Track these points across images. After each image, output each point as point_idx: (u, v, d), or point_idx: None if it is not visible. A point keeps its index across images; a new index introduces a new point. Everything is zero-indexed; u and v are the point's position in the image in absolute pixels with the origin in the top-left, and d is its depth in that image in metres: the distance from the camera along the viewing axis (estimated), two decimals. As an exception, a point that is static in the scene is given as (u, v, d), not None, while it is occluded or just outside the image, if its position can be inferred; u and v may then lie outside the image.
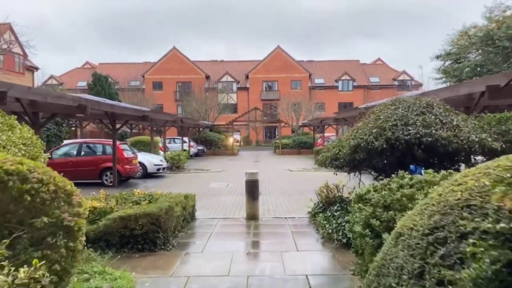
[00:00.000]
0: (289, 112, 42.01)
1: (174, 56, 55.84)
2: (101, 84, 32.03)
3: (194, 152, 31.18)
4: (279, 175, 18.40)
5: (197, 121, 27.90)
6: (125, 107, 12.70)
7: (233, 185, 15.02)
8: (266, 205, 10.75)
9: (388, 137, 5.97)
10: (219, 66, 59.43)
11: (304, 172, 19.49)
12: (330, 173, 17.56)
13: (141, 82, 56.17)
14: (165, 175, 18.50)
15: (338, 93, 55.72)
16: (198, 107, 40.77)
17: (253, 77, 55.86)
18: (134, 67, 58.63)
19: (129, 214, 6.03)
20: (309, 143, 35.47)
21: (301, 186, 14.34)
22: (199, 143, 34.59)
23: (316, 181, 16.92)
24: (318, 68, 59.07)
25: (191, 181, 16.37)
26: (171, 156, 20.64)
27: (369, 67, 60.58)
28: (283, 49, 56.51)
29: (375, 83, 56.95)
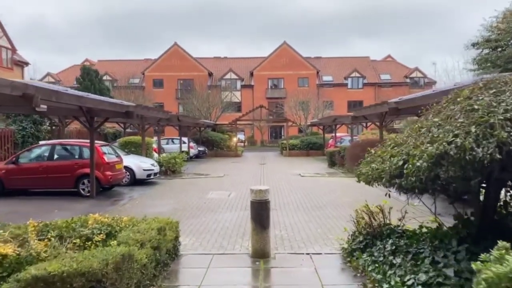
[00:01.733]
0: (296, 111, 39.43)
1: (175, 53, 53.39)
2: (90, 78, 29.41)
3: (194, 154, 28.70)
4: (289, 181, 15.86)
5: (197, 120, 25.44)
6: (100, 101, 10.20)
7: (235, 195, 12.48)
8: (278, 227, 8.20)
9: (502, 141, 3.39)
10: (223, 63, 56.92)
11: (318, 178, 16.94)
12: (348, 180, 14.89)
13: (141, 80, 53.78)
14: (157, 181, 16.01)
15: (347, 91, 53.05)
16: (199, 105, 38.28)
17: (258, 74, 53.31)
18: (134, 64, 56.22)
19: (51, 273, 3.49)
20: (319, 144, 32.89)
21: (318, 197, 11.78)
22: (200, 143, 32.09)
23: (334, 189, 13.83)
24: (326, 65, 56.43)
25: (186, 189, 13.87)
26: (165, 159, 18.16)
27: (380, 64, 57.86)
28: (289, 45, 53.91)
29: (386, 81, 54.23)
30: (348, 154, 18.90)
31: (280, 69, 52.83)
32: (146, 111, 14.43)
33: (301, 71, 52.90)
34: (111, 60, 57.23)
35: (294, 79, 52.00)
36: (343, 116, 24.95)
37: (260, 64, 53.55)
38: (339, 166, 20.33)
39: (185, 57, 53.23)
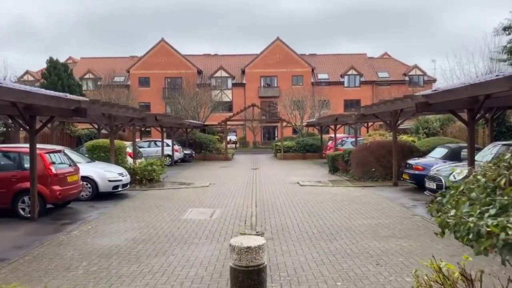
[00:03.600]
0: (291, 110, 36.79)
1: (162, 49, 50.48)
2: (57, 73, 26.36)
3: (179, 158, 25.95)
4: (286, 192, 13.20)
5: (181, 120, 22.68)
6: (35, 93, 7.44)
7: (220, 214, 9.78)
8: (277, 277, 5.50)
9: None
10: (213, 60, 54.14)
11: (320, 188, 14.29)
12: (356, 190, 12.10)
13: (126, 78, 50.80)
14: (128, 194, 13.25)
15: (344, 89, 50.54)
16: (186, 104, 35.48)
17: (250, 72, 50.60)
18: (118, 61, 53.19)
19: None
20: (316, 146, 30.30)
21: (325, 218, 9.11)
22: (187, 146, 29.33)
23: (342, 204, 10.90)
24: (321, 62, 53.92)
25: (160, 206, 11.13)
26: (140, 166, 15.41)
27: (377, 62, 55.48)
28: (283, 41, 51.28)
29: (384, 79, 51.83)
30: (355, 159, 16.30)
31: (273, 67, 50.18)
32: (109, 109, 11.66)
33: (296, 68, 50.30)
34: (95, 57, 54.24)
35: (288, 77, 49.39)
36: (346, 115, 22.40)
37: (252, 61, 50.86)
38: (343, 173, 17.73)
39: (173, 54, 50.37)
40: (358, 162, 16.11)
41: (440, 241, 7.10)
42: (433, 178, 10.50)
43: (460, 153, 12.75)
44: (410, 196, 12.02)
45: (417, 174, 12.62)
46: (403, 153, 15.51)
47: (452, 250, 6.53)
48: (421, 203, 10.89)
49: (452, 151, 12.79)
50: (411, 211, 9.86)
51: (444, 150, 13.15)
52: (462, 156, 12.67)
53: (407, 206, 10.53)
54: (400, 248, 6.77)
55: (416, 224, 8.49)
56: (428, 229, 7.96)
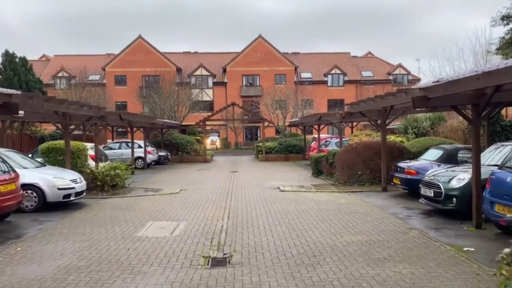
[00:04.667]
0: (273, 110, 35.41)
1: (139, 46, 48.55)
2: (13, 67, 24.00)
3: (153, 160, 24.26)
4: (265, 200, 11.74)
5: (153, 119, 20.99)
6: None
7: (184, 229, 8.26)
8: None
9: None
10: (193, 58, 52.40)
11: (303, 194, 12.88)
12: (342, 196, 10.97)
13: (102, 76, 48.69)
14: (83, 203, 11.60)
15: (327, 88, 49.48)
16: (162, 103, 33.73)
17: (232, 71, 49.06)
18: (94, 59, 51.04)
19: None
20: (299, 147, 28.96)
21: (308, 234, 7.66)
22: (163, 147, 27.65)
23: (327, 215, 9.39)
24: (304, 61, 52.76)
25: (115, 218, 9.54)
26: (101, 171, 13.75)
27: (361, 61, 54.62)
28: (265, 38, 49.90)
29: (368, 78, 50.95)
30: (340, 161, 14.96)
31: (255, 65, 48.77)
32: (57, 106, 10.00)
33: (278, 67, 49.00)
34: (69, 55, 51.95)
35: (271, 75, 48.03)
36: (330, 114, 21.08)
37: (233, 60, 49.35)
38: (327, 176, 16.39)
39: (151, 51, 48.47)
40: (343, 164, 14.78)
41: (448, 266, 5.74)
42: (430, 184, 9.18)
43: (456, 155, 11.52)
44: (402, 204, 10.69)
45: (409, 179, 11.31)
46: (392, 155, 14.25)
47: (466, 279, 5.17)
48: (416, 213, 9.57)
49: (447, 152, 11.53)
50: (406, 223, 8.51)
51: (438, 152, 11.88)
52: (459, 158, 11.44)
53: (401, 216, 9.19)
54: (400, 278, 5.36)
55: (414, 241, 7.12)
56: (430, 249, 6.60)
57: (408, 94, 8.31)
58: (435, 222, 8.53)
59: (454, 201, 8.51)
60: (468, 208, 8.24)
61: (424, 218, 9.00)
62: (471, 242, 6.92)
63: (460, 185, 8.49)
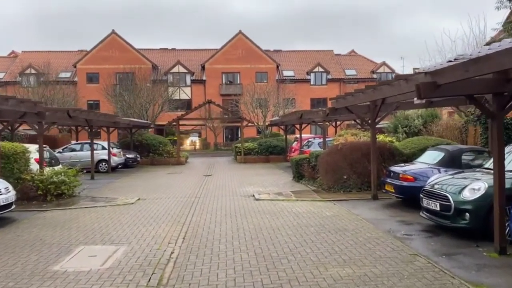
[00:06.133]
0: (253, 109, 33.50)
1: (113, 42, 46.03)
2: None
3: (119, 163, 22.07)
4: (235, 213, 9.81)
5: (114, 118, 18.78)
6: None
7: (121, 257, 6.26)
8: None
9: None
10: (170, 55, 50.10)
11: (280, 203, 10.99)
12: (326, 206, 9.01)
13: (73, 74, 46.01)
14: (12, 217, 9.46)
15: (310, 87, 47.82)
16: (131, 100, 31.50)
17: (211, 68, 46.98)
18: (65, 56, 48.31)
19: None
20: (280, 148, 27.16)
21: (284, 266, 5.73)
22: (132, 148, 25.46)
23: (309, 233, 7.23)
24: (287, 59, 51.02)
25: (42, 239, 7.49)
26: (43, 178, 11.63)
27: (344, 59, 53.18)
28: (245, 35, 47.98)
29: (352, 76, 49.52)
30: (323, 164, 13.14)
31: (235, 62, 46.80)
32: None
33: (260, 64, 47.13)
34: (39, 51, 48.99)
35: (252, 73, 46.08)
36: (313, 111, 19.32)
37: (212, 56, 47.28)
38: (309, 180, 14.57)
39: (125, 47, 46.01)
40: (327, 168, 12.96)
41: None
42: (434, 195, 7.41)
43: (460, 157, 9.79)
44: (398, 217, 8.90)
45: (406, 186, 9.54)
46: (383, 157, 12.52)
47: None
48: (417, 229, 7.77)
49: (450, 155, 9.79)
50: (408, 246, 6.69)
51: (438, 154, 10.15)
52: (463, 161, 9.71)
53: (399, 235, 7.38)
54: None
55: (423, 276, 5.29)
56: (448, 290, 4.78)
57: (410, 81, 6.51)
58: (444, 244, 6.73)
59: (467, 218, 6.73)
60: (486, 226, 6.50)
61: (428, 238, 7.20)
62: (500, 279, 5.13)
63: (474, 196, 6.71)
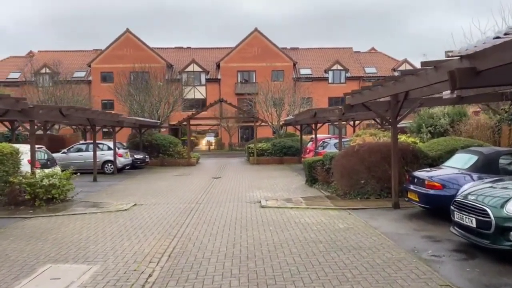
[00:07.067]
0: (267, 108, 32.30)
1: (127, 41, 45.52)
2: None
3: (126, 164, 21.22)
4: (235, 223, 8.66)
5: (117, 117, 17.84)
6: None
7: (89, 280, 5.17)
8: None
9: None
10: (185, 53, 49.31)
11: (288, 212, 9.78)
12: (340, 216, 7.65)
13: (88, 73, 45.72)
14: (-12, 227, 8.56)
15: (328, 85, 46.27)
16: (142, 99, 30.71)
17: (226, 66, 45.96)
18: (80, 55, 48.10)
19: None
20: (295, 148, 25.91)
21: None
22: (141, 149, 24.63)
23: (317, 253, 5.79)
24: (304, 57, 49.58)
25: (6, 256, 6.51)
26: (30, 182, 10.73)
27: (364, 56, 51.38)
28: (261, 32, 46.80)
29: (372, 74, 47.71)
30: (338, 167, 11.87)
31: (251, 61, 45.65)
32: None
33: (276, 62, 45.86)
34: (55, 51, 48.87)
35: (268, 71, 44.78)
36: (327, 109, 18.03)
37: (228, 55, 46.25)
38: (323, 184, 13.31)
39: (140, 46, 45.41)
40: (342, 171, 11.69)
41: None
42: (469, 208, 6.10)
43: (497, 161, 8.38)
44: (423, 231, 7.60)
45: (432, 195, 8.21)
46: (405, 160, 11.19)
47: None
48: (447, 249, 6.45)
49: (485, 158, 8.39)
50: (437, 272, 5.41)
51: (470, 157, 8.76)
52: (501, 166, 8.30)
53: (426, 257, 6.09)
54: None
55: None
56: None
57: (441, 68, 5.24)
58: (484, 271, 5.42)
59: (513, 238, 5.41)
60: (538, 250, 5.17)
61: (462, 261, 5.89)
62: None
63: (524, 212, 5.38)
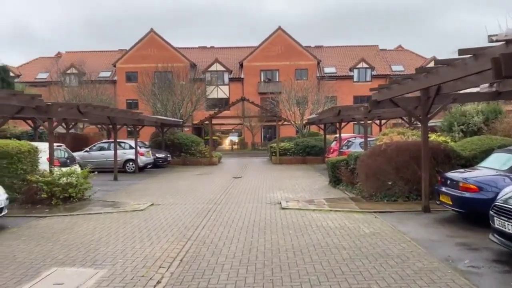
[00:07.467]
0: (290, 106, 31.72)
1: (152, 41, 45.78)
2: None
3: (147, 162, 21.12)
4: (253, 226, 8.21)
5: (137, 115, 17.66)
6: None
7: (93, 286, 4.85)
8: None
9: None
10: (208, 53, 49.24)
11: (310, 214, 9.26)
12: (362, 217, 7.06)
13: (113, 73, 46.25)
14: (2, 224, 8.40)
15: (353, 84, 45.27)
16: (164, 98, 30.68)
17: (249, 65, 45.60)
18: (106, 55, 48.71)
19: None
20: (319, 148, 25.26)
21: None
22: (164, 148, 24.54)
23: (340, 261, 5.21)
24: (328, 55, 48.70)
25: (14, 257, 6.29)
26: (48, 180, 10.58)
27: (391, 54, 50.08)
28: (285, 31, 46.20)
29: (399, 72, 46.32)
30: (364, 167, 11.27)
31: (274, 59, 45.14)
32: None
33: (299, 61, 45.18)
34: (81, 51, 49.64)
35: (291, 70, 44.18)
36: (352, 107, 17.35)
37: (251, 54, 45.88)
38: (347, 186, 12.72)
39: (163, 46, 45.59)
40: (368, 172, 11.08)
41: None
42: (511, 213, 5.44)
43: (541, 162, 7.63)
44: (458, 238, 6.95)
45: (468, 198, 7.54)
46: (436, 160, 10.50)
47: None
48: (486, 258, 5.81)
49: (527, 159, 7.67)
50: (476, 287, 4.81)
51: (510, 157, 8.03)
52: (545, 167, 7.54)
53: (462, 268, 5.48)
54: None
55: None
56: None
57: (481, 56, 4.64)
58: (530, 286, 4.78)
59: None
60: None
61: (505, 273, 5.26)
62: None
63: None
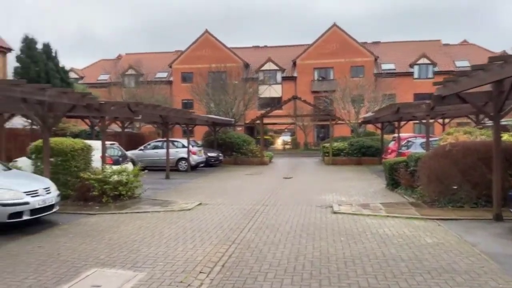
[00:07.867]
0: (344, 105, 30.62)
1: (206, 42, 46.42)
2: (31, 54, 21.43)
3: (199, 161, 21.18)
4: (301, 230, 7.68)
5: (189, 114, 17.58)
6: None
7: None
8: None
9: None
10: (261, 52, 49.00)
11: (364, 220, 8.56)
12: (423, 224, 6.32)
13: (169, 74, 47.45)
14: (52, 221, 8.53)
15: (413, 81, 43.04)
16: (217, 98, 30.79)
17: (302, 64, 44.82)
18: (162, 57, 50.06)
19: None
20: (375, 148, 24.07)
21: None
22: (216, 147, 24.57)
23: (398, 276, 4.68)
24: (386, 51, 46.66)
25: (58, 255, 6.24)
26: (99, 178, 10.70)
27: (454, 49, 47.04)
28: (340, 27, 44.90)
29: (463, 69, 43.35)
30: (425, 169, 10.32)
31: (329, 57, 43.98)
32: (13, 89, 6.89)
33: (355, 58, 43.64)
34: (139, 53, 51.43)
35: (346, 68, 42.75)
36: (412, 104, 16.17)
37: (304, 52, 45.07)
38: (406, 189, 11.77)
39: (218, 46, 46.07)
40: (430, 175, 10.12)
41: None
42: None
43: None
44: (539, 253, 5.99)
45: (552, 207, 6.51)
46: (509, 162, 9.34)
47: None
48: None
49: None
50: None
51: None
52: None
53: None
54: None
55: None
56: None
57: None
58: None
59: None
60: None
61: None
62: None
63: None
